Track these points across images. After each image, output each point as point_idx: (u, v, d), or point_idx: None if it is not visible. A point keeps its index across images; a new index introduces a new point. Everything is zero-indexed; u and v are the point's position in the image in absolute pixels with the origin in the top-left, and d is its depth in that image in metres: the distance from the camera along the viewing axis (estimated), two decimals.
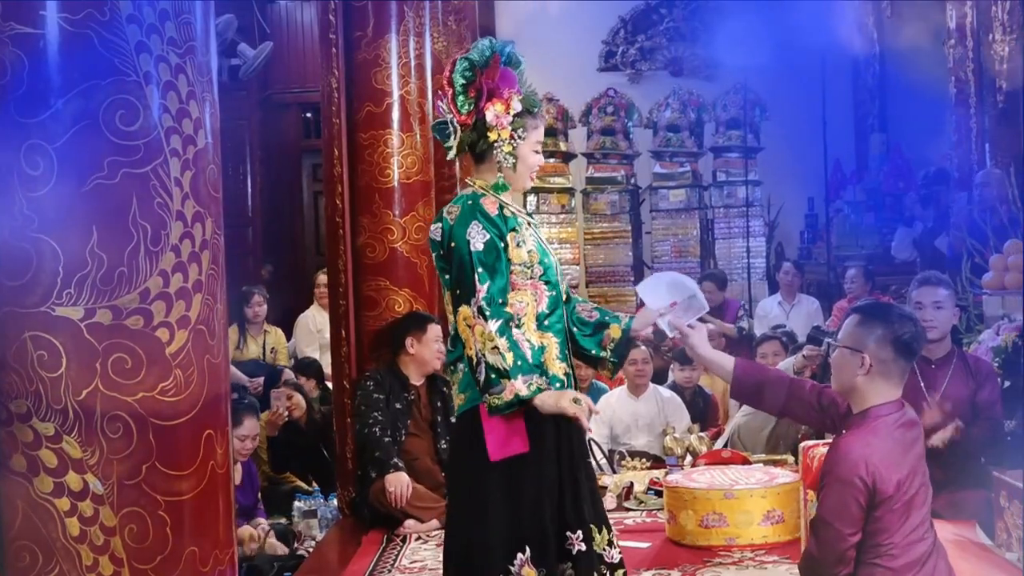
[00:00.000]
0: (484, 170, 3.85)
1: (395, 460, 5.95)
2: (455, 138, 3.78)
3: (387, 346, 6.31)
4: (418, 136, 6.51)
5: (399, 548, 5.77)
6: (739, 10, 12.72)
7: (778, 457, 6.47)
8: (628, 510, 6.23)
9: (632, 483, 6.43)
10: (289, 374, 8.09)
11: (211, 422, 2.88)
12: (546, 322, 3.76)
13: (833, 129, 11.90)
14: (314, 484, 7.29)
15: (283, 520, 6.44)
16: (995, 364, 5.70)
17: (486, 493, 3.66)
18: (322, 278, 8.46)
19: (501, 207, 3.77)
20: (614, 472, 6.85)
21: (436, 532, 5.92)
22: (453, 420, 6.19)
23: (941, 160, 11.11)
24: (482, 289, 3.58)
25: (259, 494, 6.48)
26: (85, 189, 2.65)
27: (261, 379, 8.16)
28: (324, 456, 7.37)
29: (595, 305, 4.10)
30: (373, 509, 6.03)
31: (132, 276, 2.69)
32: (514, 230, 3.75)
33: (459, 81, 3.77)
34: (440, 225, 3.75)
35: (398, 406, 6.16)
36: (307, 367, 8.18)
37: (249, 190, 12.37)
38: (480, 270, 3.60)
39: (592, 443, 7.04)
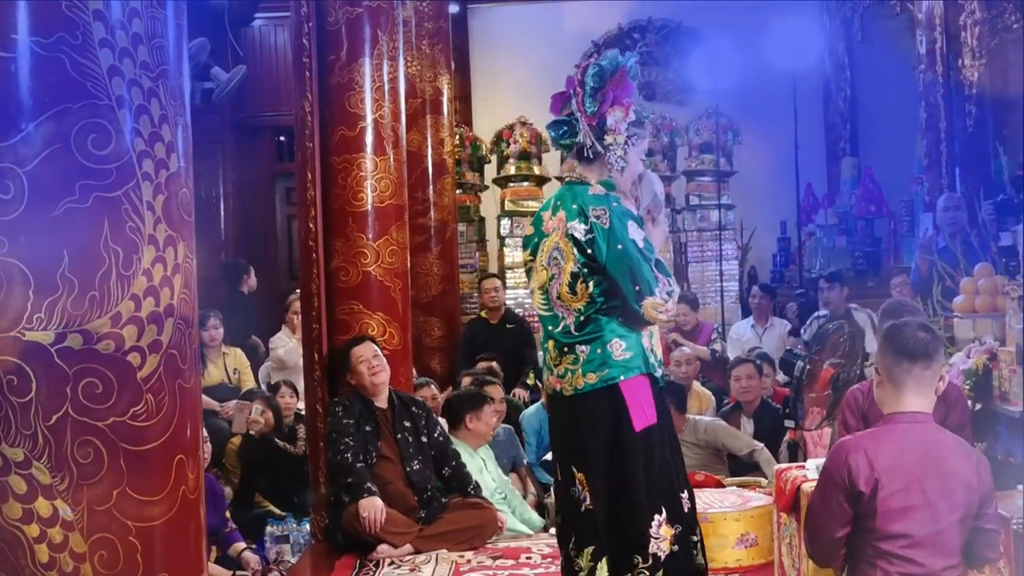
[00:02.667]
0: (594, 170, 4.20)
1: (368, 485, 5.93)
2: (572, 139, 4.19)
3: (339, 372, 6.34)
4: (391, 160, 6.51)
5: (372, 573, 5.74)
6: (711, 35, 12.84)
7: (751, 480, 6.48)
8: None
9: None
10: (262, 389, 8.08)
11: (183, 447, 2.86)
12: None
13: (805, 153, 11.96)
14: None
15: (254, 545, 6.40)
16: (966, 387, 5.72)
17: (632, 463, 4.05)
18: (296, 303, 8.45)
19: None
20: None
21: (409, 557, 5.90)
22: (425, 438, 6.25)
23: (911, 184, 11.18)
24: (663, 279, 4.02)
25: (227, 514, 6.44)
26: (56, 213, 2.63)
27: (232, 403, 8.11)
28: (292, 476, 7.33)
29: None
30: (346, 534, 6.01)
31: (103, 300, 2.68)
32: None
33: (590, 84, 4.13)
34: (588, 227, 4.05)
35: (368, 429, 6.16)
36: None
37: (222, 214, 12.32)
38: (650, 264, 4.01)
39: None
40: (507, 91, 13.53)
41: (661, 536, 4.04)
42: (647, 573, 4.04)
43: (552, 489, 5.35)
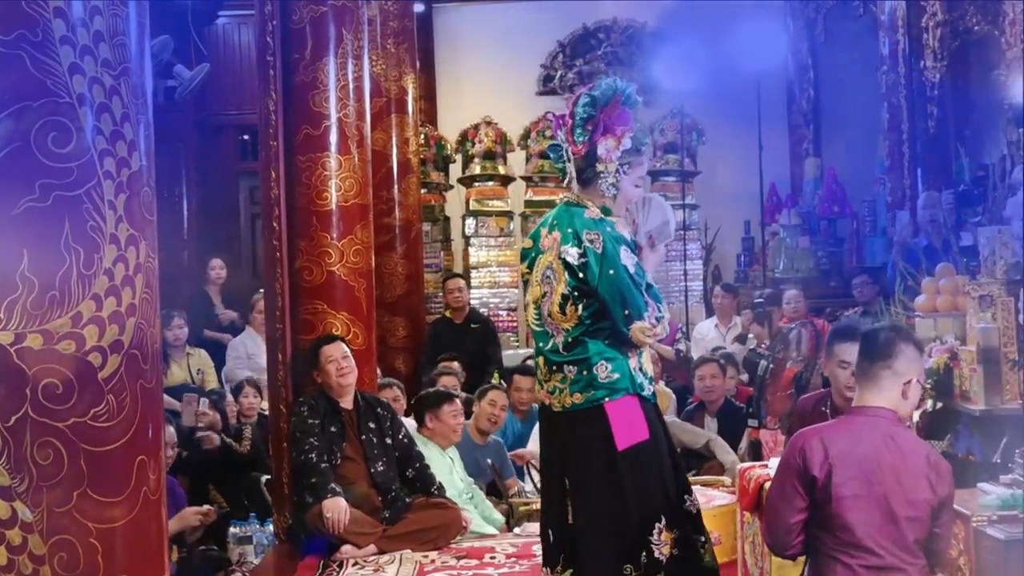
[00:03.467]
0: (591, 194, 4.25)
1: (332, 485, 5.92)
2: (568, 164, 4.24)
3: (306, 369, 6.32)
4: (356, 159, 6.49)
5: (335, 574, 5.72)
6: (676, 36, 12.86)
7: (715, 479, 6.50)
8: None
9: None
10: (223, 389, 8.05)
11: (144, 448, 2.83)
12: None
13: (769, 153, 12.02)
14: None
15: (215, 547, 6.37)
16: (928, 385, 5.77)
17: (620, 480, 4.13)
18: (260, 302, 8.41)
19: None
20: None
21: (373, 557, 5.89)
22: (389, 439, 6.23)
23: (874, 185, 11.26)
24: (652, 304, 4.11)
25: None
26: (16, 212, 2.60)
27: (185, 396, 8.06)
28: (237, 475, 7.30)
29: None
30: (310, 534, 5.99)
31: (64, 300, 2.65)
32: None
33: (580, 115, 4.18)
34: (582, 251, 4.11)
35: (333, 429, 6.14)
36: None
37: (185, 213, 12.24)
38: (640, 290, 4.10)
39: (530, 467, 7.05)
40: (472, 91, 13.53)
41: (662, 542, 4.12)
42: None
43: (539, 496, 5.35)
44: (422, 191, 11.18)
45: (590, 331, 4.15)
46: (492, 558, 5.89)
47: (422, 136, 11.42)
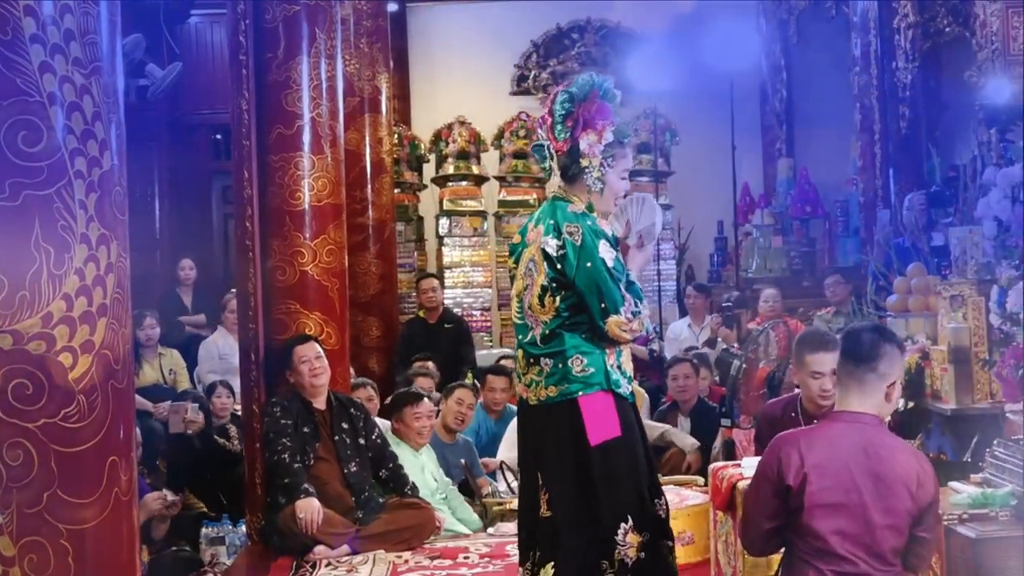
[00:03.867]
0: (577, 190, 4.26)
1: (305, 486, 5.90)
2: (551, 161, 4.27)
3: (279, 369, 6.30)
4: (329, 159, 6.47)
5: (308, 574, 5.71)
6: (650, 36, 12.90)
7: (688, 479, 6.51)
8: None
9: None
10: (195, 389, 8.02)
11: (115, 448, 2.82)
12: None
13: (742, 154, 12.06)
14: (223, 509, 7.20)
15: (187, 548, 6.34)
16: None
17: (589, 474, 4.13)
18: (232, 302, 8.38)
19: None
20: None
21: (346, 558, 5.87)
22: (363, 440, 6.22)
23: (846, 185, 11.31)
24: (629, 299, 4.12)
25: None
26: None
27: (167, 403, 8.02)
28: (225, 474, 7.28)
29: None
30: (282, 535, 5.97)
31: (34, 300, 2.64)
32: None
33: (558, 111, 4.21)
34: (561, 243, 4.14)
35: (306, 430, 6.12)
36: None
37: (157, 212, 12.17)
38: (618, 284, 4.11)
39: (504, 466, 7.05)
40: (446, 90, 13.52)
41: (627, 543, 4.11)
42: None
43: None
44: (395, 191, 11.16)
45: (567, 324, 4.16)
46: (466, 558, 5.88)
47: (396, 136, 11.40)
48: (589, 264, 4.09)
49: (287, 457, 5.97)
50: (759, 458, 3.68)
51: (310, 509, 5.83)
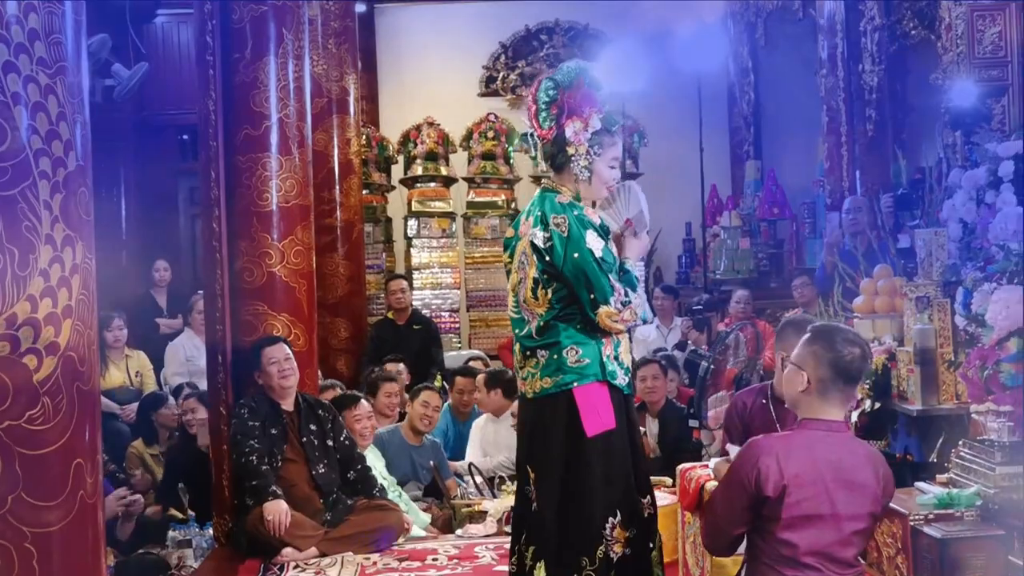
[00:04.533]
0: (565, 179, 4.25)
1: (273, 488, 5.88)
2: (536, 150, 4.31)
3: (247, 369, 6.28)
4: (297, 159, 6.45)
5: None
6: (618, 38, 12.89)
7: (656, 479, 6.52)
8: (508, 534, 6.22)
9: (513, 507, 6.42)
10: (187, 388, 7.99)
11: (81, 451, 2.80)
12: None
13: (710, 155, 12.09)
14: (190, 512, 7.16)
15: (153, 551, 6.31)
16: (866, 386, 5.82)
17: (584, 466, 4.11)
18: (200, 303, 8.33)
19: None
20: (494, 496, 6.85)
21: (314, 560, 5.86)
22: (331, 442, 6.20)
23: (813, 187, 11.35)
24: (619, 289, 4.10)
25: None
26: None
27: (134, 406, 7.98)
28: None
29: None
30: (250, 538, 5.94)
31: None
32: None
33: (542, 99, 4.19)
34: (548, 235, 4.13)
35: (274, 432, 6.10)
36: None
37: (123, 213, 12.12)
38: (608, 274, 4.09)
39: (472, 467, 7.05)
40: (414, 91, 13.50)
41: (614, 538, 4.11)
42: (594, 575, 4.09)
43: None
44: (364, 192, 11.14)
45: (560, 316, 4.15)
46: (434, 560, 5.88)
47: (364, 137, 11.38)
48: (576, 255, 4.07)
49: (255, 459, 5.94)
50: (738, 448, 3.69)
51: (278, 511, 5.81)
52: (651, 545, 4.24)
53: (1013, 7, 6.94)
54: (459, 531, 6.48)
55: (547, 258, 4.13)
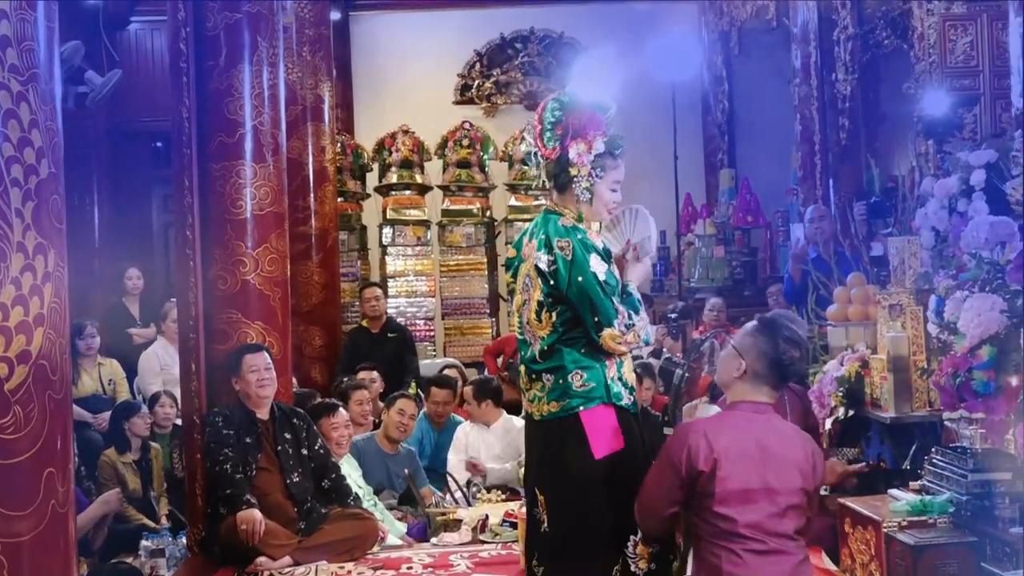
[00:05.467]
0: (567, 200, 4.27)
1: (247, 497, 5.85)
2: (539, 169, 4.29)
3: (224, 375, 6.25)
4: (271, 167, 6.43)
5: None
6: (592, 46, 12.96)
7: None
8: (483, 543, 6.23)
9: (487, 515, 6.43)
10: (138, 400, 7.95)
11: (52, 460, 2.79)
12: None
13: (684, 164, 12.12)
14: (164, 521, 7.13)
15: (126, 561, 6.28)
16: (839, 393, 5.85)
17: (596, 488, 4.10)
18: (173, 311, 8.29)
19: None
20: (469, 504, 6.84)
21: (288, 569, 5.83)
22: (305, 450, 6.18)
23: (787, 195, 11.39)
24: (622, 311, 4.11)
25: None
26: None
27: (106, 414, 7.93)
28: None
29: None
30: (224, 546, 5.91)
31: None
32: None
33: (548, 119, 4.24)
34: (552, 258, 4.14)
35: (248, 440, 6.07)
36: None
37: (96, 221, 12.06)
38: (612, 297, 4.11)
39: (449, 476, 7.04)
40: (389, 99, 13.49)
41: (637, 555, 4.10)
42: None
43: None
44: (338, 200, 11.12)
45: (564, 339, 4.16)
46: (409, 568, 5.86)
47: (339, 144, 11.37)
48: (580, 278, 4.09)
49: (229, 468, 5.92)
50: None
51: (251, 520, 5.78)
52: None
53: (985, 17, 7.00)
54: (434, 540, 6.47)
55: (551, 282, 4.15)
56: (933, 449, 4.72)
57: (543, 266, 4.16)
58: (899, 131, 9.12)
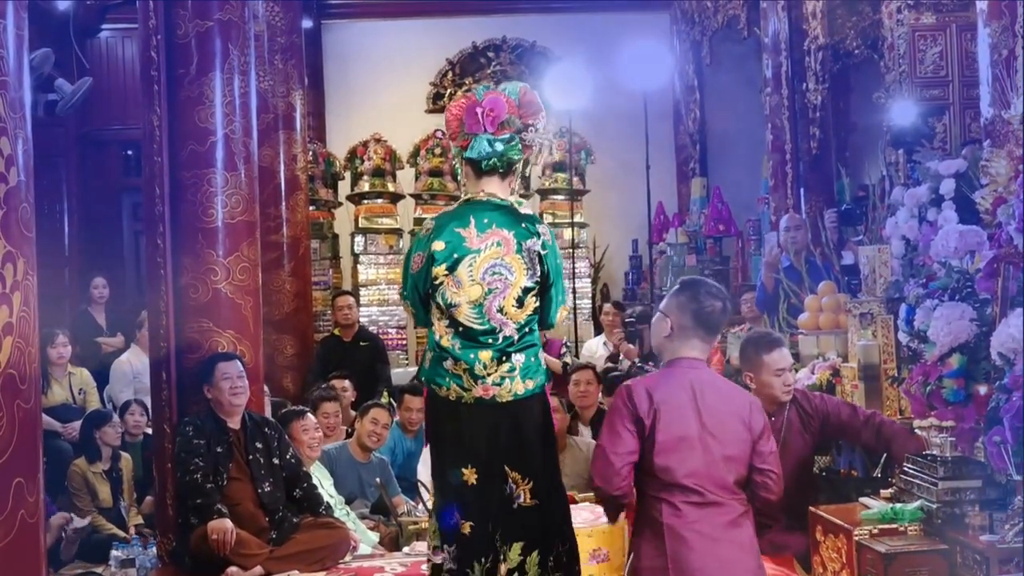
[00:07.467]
0: (505, 187, 4.44)
1: (218, 506, 5.82)
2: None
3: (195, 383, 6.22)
4: (243, 175, 6.40)
5: None
6: (564, 55, 13.00)
7: (586, 496, 6.52)
8: None
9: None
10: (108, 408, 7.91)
11: (22, 470, 2.77)
12: None
13: (656, 173, 12.14)
14: (132, 531, 7.09)
15: (98, 569, 6.24)
16: None
17: (555, 460, 4.50)
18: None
19: None
20: None
21: None
22: (276, 460, 6.15)
23: (758, 204, 11.45)
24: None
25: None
26: None
27: (76, 424, 7.89)
28: None
29: None
30: (194, 556, 5.88)
31: None
32: None
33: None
34: (542, 241, 4.32)
35: (219, 450, 6.04)
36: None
37: (66, 229, 12.01)
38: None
39: (421, 484, 7.02)
40: (361, 107, 13.50)
41: None
42: (565, 557, 4.37)
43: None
44: (310, 208, 11.10)
45: (534, 321, 4.36)
46: None
47: (310, 153, 11.35)
48: (558, 261, 4.38)
49: (199, 477, 5.88)
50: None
51: (223, 530, 5.75)
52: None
53: (954, 27, 7.06)
54: (406, 548, 6.45)
55: (544, 266, 4.32)
56: (904, 457, 4.73)
57: (539, 249, 4.30)
58: (869, 140, 9.19)
